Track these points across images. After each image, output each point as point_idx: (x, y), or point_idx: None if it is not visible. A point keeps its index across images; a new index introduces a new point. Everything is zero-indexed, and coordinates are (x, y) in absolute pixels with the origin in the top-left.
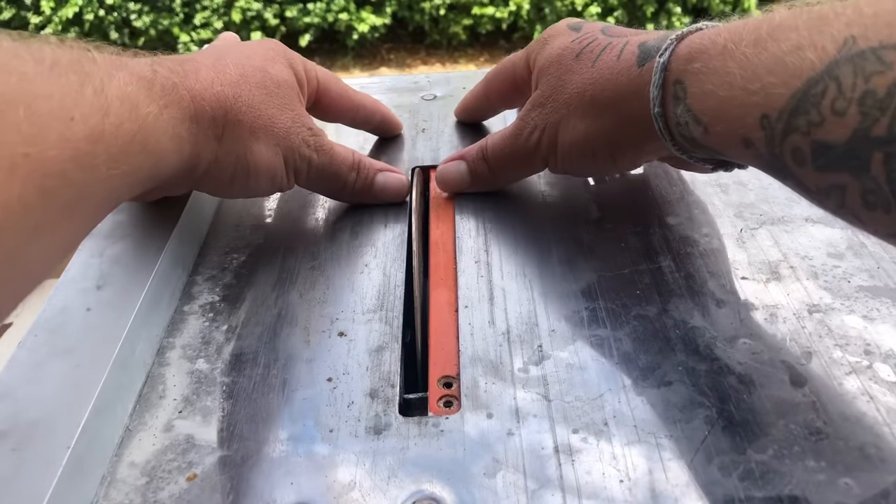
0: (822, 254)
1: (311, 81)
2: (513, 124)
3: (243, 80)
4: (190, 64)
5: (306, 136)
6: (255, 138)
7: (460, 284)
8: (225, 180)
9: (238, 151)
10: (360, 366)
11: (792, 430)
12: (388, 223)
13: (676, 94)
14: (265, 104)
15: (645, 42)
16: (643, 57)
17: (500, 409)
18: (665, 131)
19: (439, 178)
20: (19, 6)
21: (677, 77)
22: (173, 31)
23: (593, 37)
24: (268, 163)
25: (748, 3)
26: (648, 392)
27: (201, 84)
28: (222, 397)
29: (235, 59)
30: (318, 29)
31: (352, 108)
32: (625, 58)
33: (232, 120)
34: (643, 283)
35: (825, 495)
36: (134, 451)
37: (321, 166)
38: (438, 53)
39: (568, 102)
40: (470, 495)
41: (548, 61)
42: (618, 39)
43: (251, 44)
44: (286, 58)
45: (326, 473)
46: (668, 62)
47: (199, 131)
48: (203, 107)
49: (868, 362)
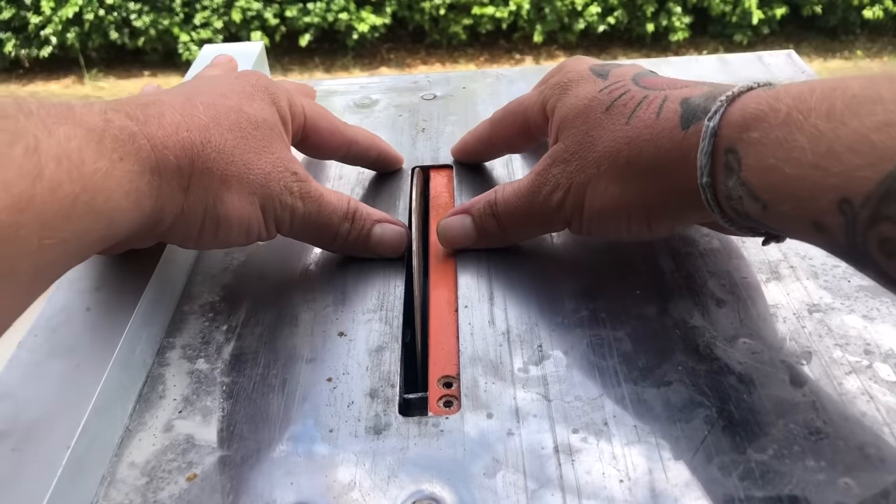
0: (821, 253)
1: (297, 117)
2: (529, 179)
3: (214, 123)
4: (154, 108)
5: (289, 181)
6: (227, 188)
7: (460, 284)
8: (192, 234)
9: (207, 202)
10: (360, 366)
11: (792, 430)
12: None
13: (729, 165)
14: (239, 148)
15: (688, 98)
16: (687, 117)
17: (500, 409)
18: (713, 203)
19: (441, 233)
20: (19, 6)
21: (730, 145)
22: (173, 31)
23: (625, 87)
24: (240, 214)
25: (748, 3)
26: (648, 392)
27: (165, 130)
28: (222, 397)
29: (207, 99)
30: (318, 29)
31: (344, 144)
32: (665, 116)
33: (199, 169)
34: (643, 283)
35: (825, 495)
36: (134, 451)
37: (307, 215)
38: (438, 53)
39: (598, 162)
40: (470, 495)
41: (572, 111)
42: (654, 93)
43: (228, 79)
44: (268, 93)
45: (326, 473)
46: (718, 127)
47: (161, 184)
48: (166, 156)
49: (868, 362)
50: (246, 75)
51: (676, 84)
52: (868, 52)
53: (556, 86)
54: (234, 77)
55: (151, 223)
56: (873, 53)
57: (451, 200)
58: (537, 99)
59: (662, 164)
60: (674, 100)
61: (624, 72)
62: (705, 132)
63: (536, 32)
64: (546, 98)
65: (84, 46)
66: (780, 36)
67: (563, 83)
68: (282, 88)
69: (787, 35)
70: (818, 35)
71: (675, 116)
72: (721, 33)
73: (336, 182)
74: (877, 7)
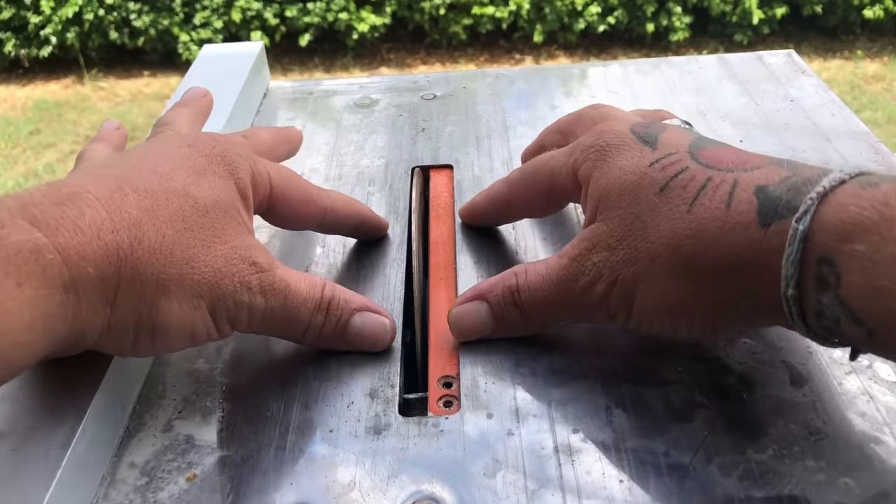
0: None
1: (262, 186)
2: (561, 265)
3: (149, 217)
4: (71, 206)
5: (246, 275)
6: (164, 293)
7: (460, 284)
8: (125, 346)
9: (140, 312)
10: (360, 366)
11: (792, 430)
12: (389, 223)
13: (823, 279)
14: (181, 244)
15: (765, 188)
16: (767, 213)
17: (500, 409)
18: (798, 318)
19: (454, 323)
20: (19, 6)
21: (825, 255)
22: (173, 31)
23: (682, 164)
24: (181, 322)
25: (748, 3)
26: (648, 392)
27: (83, 236)
28: (222, 397)
29: (144, 183)
30: (318, 28)
31: (318, 213)
32: (738, 208)
33: (128, 276)
34: None
35: (825, 495)
36: (133, 451)
37: (270, 311)
38: (438, 53)
39: (653, 254)
40: (470, 495)
41: (616, 187)
42: (720, 175)
43: (176, 150)
44: (225, 164)
45: (326, 473)
46: (809, 231)
47: (79, 301)
48: (83, 269)
49: (868, 362)
50: (200, 142)
51: (745, 162)
52: (868, 52)
53: (591, 149)
54: (187, 145)
55: (71, 342)
56: (873, 53)
57: (450, 200)
58: (566, 162)
59: (735, 265)
60: (746, 187)
61: (677, 140)
62: (794, 237)
63: (536, 32)
64: (578, 164)
65: (84, 46)
66: (780, 36)
67: (601, 147)
68: (244, 154)
69: (787, 35)
70: (818, 35)
71: (750, 210)
72: (721, 33)
73: (335, 182)
74: (877, 7)
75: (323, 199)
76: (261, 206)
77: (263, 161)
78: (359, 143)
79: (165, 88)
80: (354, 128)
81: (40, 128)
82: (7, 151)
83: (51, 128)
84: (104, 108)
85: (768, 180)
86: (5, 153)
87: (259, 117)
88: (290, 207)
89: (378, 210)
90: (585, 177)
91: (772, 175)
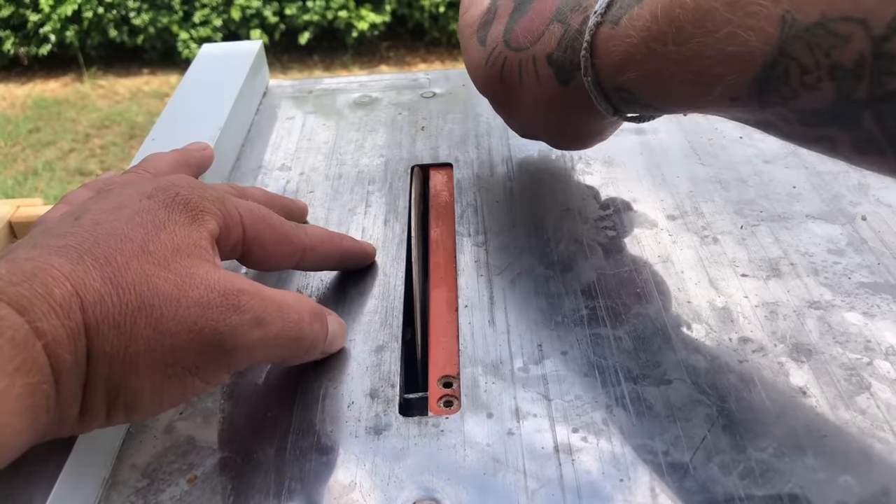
0: (822, 250)
1: (234, 230)
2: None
3: (111, 285)
4: (38, 281)
5: (230, 314)
6: (133, 370)
7: (460, 284)
8: (98, 423)
9: (108, 394)
10: (360, 366)
11: (792, 428)
12: (388, 222)
13: (626, 100)
14: (145, 311)
15: (551, 54)
16: (562, 78)
17: (500, 408)
18: (616, 117)
19: None
20: (18, 4)
21: (615, 86)
22: (172, 29)
23: (502, 56)
24: (156, 394)
25: None
26: (648, 391)
27: (56, 318)
28: (223, 398)
29: (103, 250)
30: (318, 27)
31: (295, 253)
32: (546, 81)
33: (96, 356)
34: (643, 282)
35: (825, 493)
36: (135, 453)
37: (272, 338)
38: (438, 51)
39: (524, 119)
40: (470, 495)
41: (474, 80)
42: (524, 55)
43: (133, 205)
44: (186, 211)
45: (327, 474)
46: (597, 80)
47: (60, 392)
48: (61, 356)
49: (868, 359)
50: (161, 191)
51: (533, 31)
52: None
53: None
54: (147, 196)
55: (48, 434)
56: None
57: (450, 199)
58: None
59: (569, 113)
60: (542, 60)
61: (496, 33)
62: (589, 86)
63: None
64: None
65: (83, 44)
66: None
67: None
68: (211, 197)
69: None
70: None
71: (551, 78)
72: None
73: (335, 182)
74: None
75: (300, 237)
76: (234, 249)
77: (234, 201)
78: (358, 141)
79: (165, 86)
80: (354, 126)
81: (39, 126)
82: (6, 150)
83: (50, 126)
84: (103, 106)
85: (552, 46)
86: (4, 151)
87: (259, 116)
88: (264, 251)
89: (378, 209)
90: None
91: (552, 39)
